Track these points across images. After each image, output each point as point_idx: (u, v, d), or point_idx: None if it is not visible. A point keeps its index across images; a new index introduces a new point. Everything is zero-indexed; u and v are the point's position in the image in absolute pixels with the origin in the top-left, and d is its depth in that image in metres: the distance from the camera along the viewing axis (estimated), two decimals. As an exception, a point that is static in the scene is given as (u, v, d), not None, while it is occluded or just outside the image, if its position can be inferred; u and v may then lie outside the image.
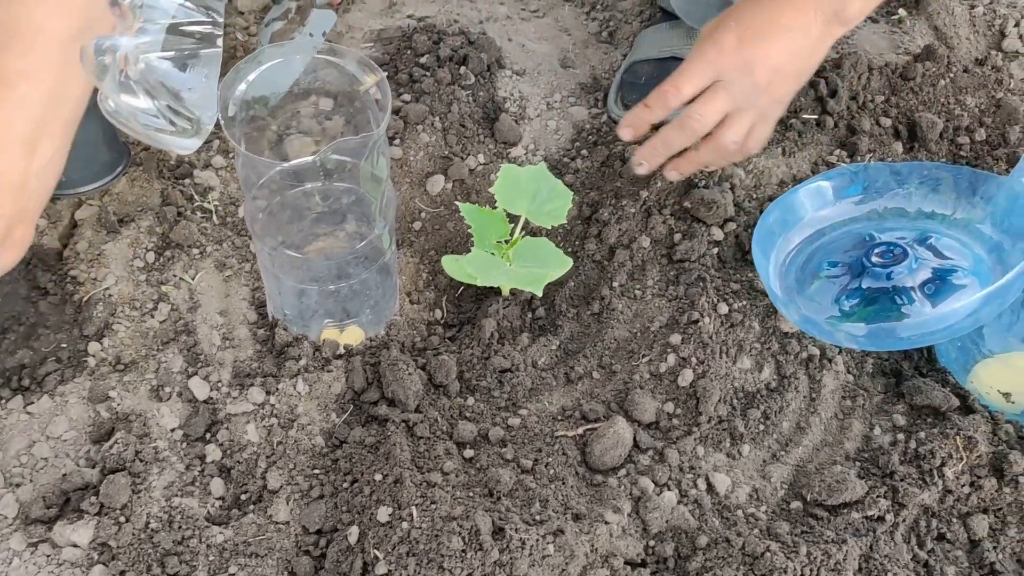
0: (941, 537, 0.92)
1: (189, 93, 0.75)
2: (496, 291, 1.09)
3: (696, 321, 1.04)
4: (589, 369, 1.04)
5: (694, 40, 1.08)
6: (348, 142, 0.84)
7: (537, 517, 0.87)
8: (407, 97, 1.23)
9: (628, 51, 1.34)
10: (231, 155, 1.17)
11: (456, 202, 1.08)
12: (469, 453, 0.95)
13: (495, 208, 1.04)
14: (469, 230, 1.02)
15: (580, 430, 0.97)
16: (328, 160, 0.83)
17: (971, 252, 0.89)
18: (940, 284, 0.86)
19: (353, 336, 1.05)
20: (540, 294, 0.96)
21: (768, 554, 0.86)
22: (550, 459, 0.94)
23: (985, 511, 0.93)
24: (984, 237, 0.89)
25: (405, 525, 0.85)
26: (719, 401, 0.99)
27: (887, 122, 1.26)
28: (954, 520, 0.92)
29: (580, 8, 1.41)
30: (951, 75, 1.30)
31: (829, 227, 0.95)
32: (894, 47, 1.37)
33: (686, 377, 1.00)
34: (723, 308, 1.05)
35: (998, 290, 0.78)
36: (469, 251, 1.01)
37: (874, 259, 0.89)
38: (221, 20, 0.77)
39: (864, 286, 0.89)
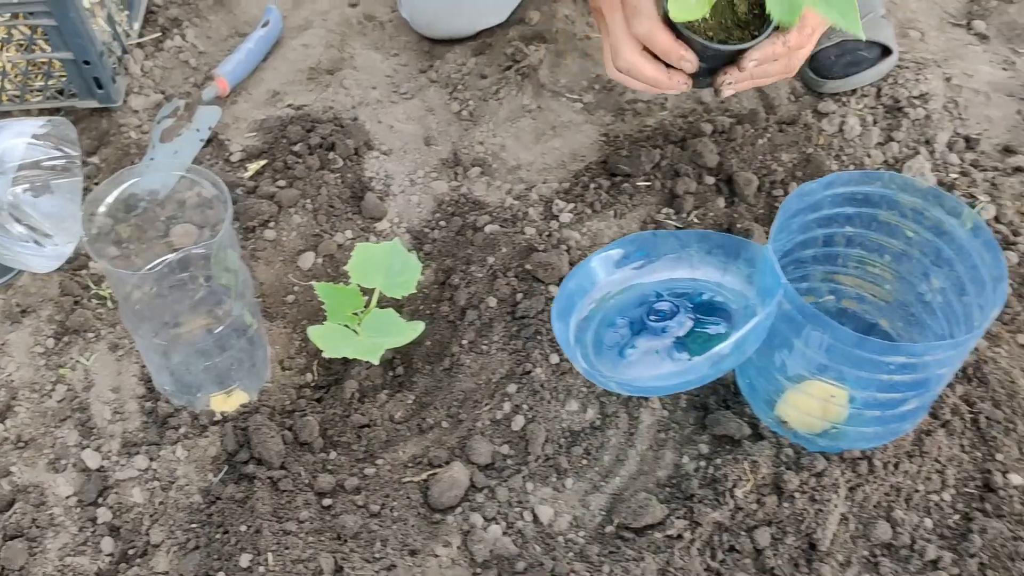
0: (732, 549, 1.07)
1: (51, 219, 0.90)
2: (361, 354, 1.24)
3: (529, 372, 1.19)
4: (439, 419, 1.19)
5: None
6: (192, 249, 0.99)
7: (376, 555, 1.02)
8: (282, 183, 1.38)
9: (485, 126, 1.50)
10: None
11: (312, 282, 1.23)
12: (327, 502, 1.10)
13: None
14: (322, 307, 1.17)
15: (424, 475, 1.12)
16: (174, 266, 0.98)
17: (733, 309, 1.05)
18: (702, 338, 1.02)
19: (239, 399, 1.20)
20: (376, 362, 1.11)
21: (572, 574, 1.01)
22: (395, 503, 1.09)
23: (768, 524, 1.08)
24: (745, 296, 1.05)
25: (262, 569, 0.99)
26: (546, 441, 1.15)
27: (710, 180, 1.43)
28: (742, 533, 1.08)
29: (444, 89, 1.57)
30: (768, 135, 1.47)
31: (621, 289, 1.10)
32: (723, 110, 1.54)
33: (518, 422, 1.16)
34: (554, 358, 1.20)
35: (736, 343, 0.94)
36: (332, 322, 1.16)
37: (651, 316, 1.05)
38: (76, 153, 0.92)
39: (643, 340, 1.05)
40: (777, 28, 1.09)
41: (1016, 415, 1.16)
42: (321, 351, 1.27)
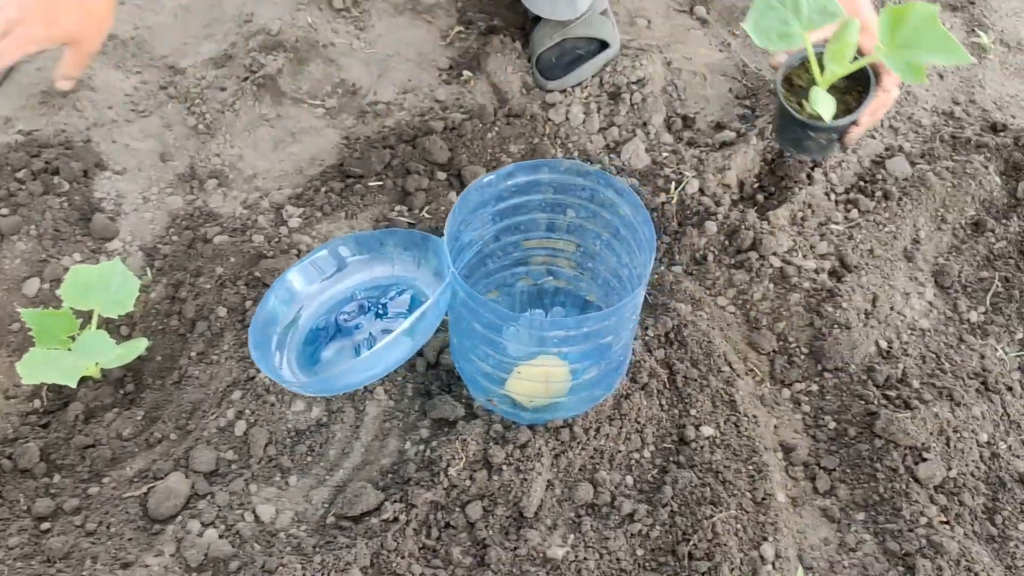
0: (447, 525, 1.13)
1: None
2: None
3: (254, 377, 1.22)
4: (167, 432, 1.21)
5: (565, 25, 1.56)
6: None
7: (85, 572, 1.04)
8: (5, 211, 1.37)
9: (222, 138, 1.52)
10: None
11: (20, 309, 1.22)
12: (46, 525, 1.10)
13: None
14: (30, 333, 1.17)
15: (144, 488, 1.14)
16: None
17: (422, 300, 1.11)
18: (387, 334, 1.07)
19: (-28, 433, 1.18)
20: (74, 385, 1.12)
21: (282, 567, 1.05)
22: (113, 519, 1.10)
23: (481, 497, 1.14)
24: (431, 287, 1.11)
25: (-38, 600, 0.99)
26: (268, 443, 1.18)
27: (442, 176, 1.49)
28: (456, 509, 1.14)
29: (183, 104, 1.58)
30: (497, 128, 1.54)
31: (322, 296, 1.14)
32: (459, 107, 1.60)
33: (241, 427, 1.18)
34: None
35: (406, 332, 1.00)
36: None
37: (343, 317, 1.10)
38: None
39: (337, 341, 1.10)
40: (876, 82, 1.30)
41: (711, 372, 1.26)
42: (49, 376, 1.27)
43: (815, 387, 1.30)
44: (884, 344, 1.33)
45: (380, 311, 1.10)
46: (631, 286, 1.21)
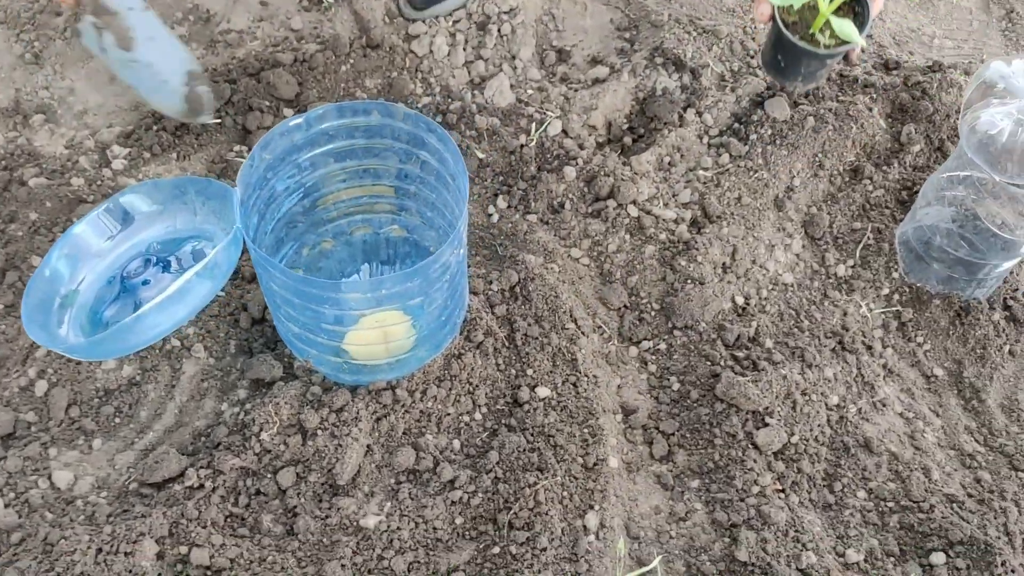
0: (258, 492, 1.07)
1: None
2: None
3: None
4: (-34, 392, 1.13)
5: None
6: None
7: None
8: None
9: (51, 69, 1.40)
10: None
11: None
12: None
13: None
14: None
15: (-70, 454, 1.06)
16: None
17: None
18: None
19: None
20: None
21: (64, 540, 0.99)
22: None
23: (295, 463, 1.08)
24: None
25: None
26: (72, 404, 1.10)
27: (288, 113, 1.39)
28: (267, 476, 1.07)
29: (12, 30, 1.45)
30: (352, 61, 1.43)
31: (116, 251, 1.05)
32: (315, 37, 1.48)
33: (41, 387, 1.11)
34: (92, 316, 1.15)
35: (175, 295, 0.91)
36: None
37: (128, 272, 1.01)
38: None
39: (121, 299, 1.01)
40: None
41: (554, 329, 1.19)
42: None
43: (663, 346, 1.23)
44: (740, 300, 1.26)
45: (166, 265, 1.01)
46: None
